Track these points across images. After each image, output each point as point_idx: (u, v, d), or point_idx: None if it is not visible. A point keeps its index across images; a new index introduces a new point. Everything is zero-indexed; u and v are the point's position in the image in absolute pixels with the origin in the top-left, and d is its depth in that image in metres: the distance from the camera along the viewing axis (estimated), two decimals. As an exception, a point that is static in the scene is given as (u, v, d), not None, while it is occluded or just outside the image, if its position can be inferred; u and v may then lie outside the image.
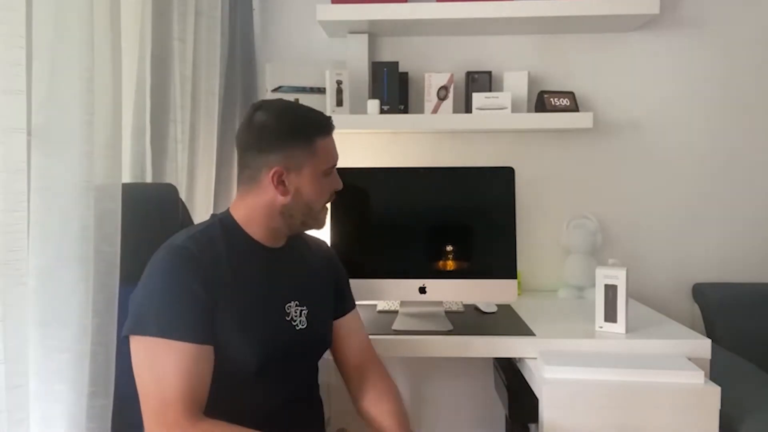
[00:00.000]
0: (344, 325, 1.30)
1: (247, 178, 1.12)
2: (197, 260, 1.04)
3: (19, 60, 0.87)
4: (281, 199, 1.10)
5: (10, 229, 0.88)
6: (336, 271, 1.32)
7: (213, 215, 1.18)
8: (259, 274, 1.12)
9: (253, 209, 1.12)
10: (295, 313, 1.15)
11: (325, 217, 1.19)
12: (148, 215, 1.26)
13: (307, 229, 1.20)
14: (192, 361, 1.00)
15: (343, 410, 1.27)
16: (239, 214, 1.14)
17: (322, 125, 1.14)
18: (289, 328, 1.14)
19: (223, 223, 1.13)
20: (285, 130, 1.10)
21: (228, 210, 1.16)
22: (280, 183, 1.10)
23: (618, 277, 1.52)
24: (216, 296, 1.04)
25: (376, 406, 1.21)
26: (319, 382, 1.29)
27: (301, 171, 1.10)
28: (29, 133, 0.91)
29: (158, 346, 0.99)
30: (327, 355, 1.30)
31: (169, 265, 1.04)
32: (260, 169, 1.10)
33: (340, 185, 1.19)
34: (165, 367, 0.98)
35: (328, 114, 1.30)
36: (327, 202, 1.18)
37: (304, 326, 1.15)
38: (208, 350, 1.02)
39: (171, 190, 1.35)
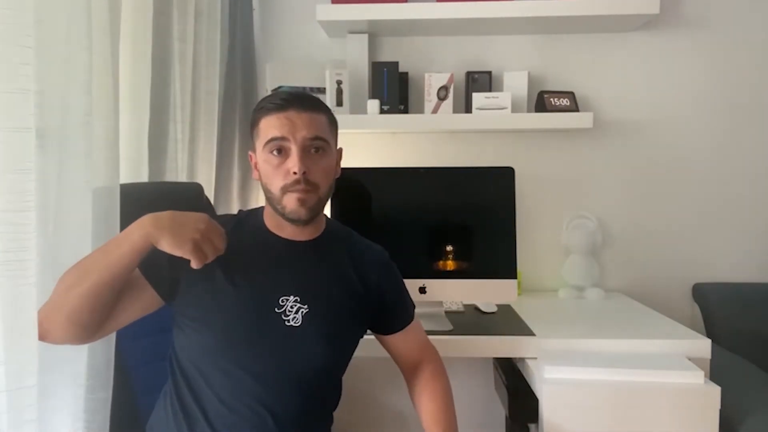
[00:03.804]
0: (399, 339, 1.26)
1: None
2: None
3: (27, 59, 0.86)
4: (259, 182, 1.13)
5: (14, 229, 0.87)
6: (385, 286, 1.22)
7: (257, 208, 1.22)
8: (257, 259, 1.11)
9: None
10: (291, 308, 1.09)
11: (289, 205, 1.07)
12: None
13: (285, 218, 1.10)
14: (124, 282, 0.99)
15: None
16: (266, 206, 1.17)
17: (265, 106, 1.10)
18: (275, 320, 1.07)
19: (252, 209, 1.20)
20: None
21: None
22: (255, 166, 1.14)
23: None
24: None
25: (427, 404, 1.21)
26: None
27: (256, 150, 1.12)
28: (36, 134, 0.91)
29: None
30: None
31: None
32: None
33: (293, 166, 1.05)
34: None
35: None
36: (285, 186, 1.06)
37: (297, 324, 1.08)
38: (145, 288, 1.04)
39: (198, 189, 1.50)
